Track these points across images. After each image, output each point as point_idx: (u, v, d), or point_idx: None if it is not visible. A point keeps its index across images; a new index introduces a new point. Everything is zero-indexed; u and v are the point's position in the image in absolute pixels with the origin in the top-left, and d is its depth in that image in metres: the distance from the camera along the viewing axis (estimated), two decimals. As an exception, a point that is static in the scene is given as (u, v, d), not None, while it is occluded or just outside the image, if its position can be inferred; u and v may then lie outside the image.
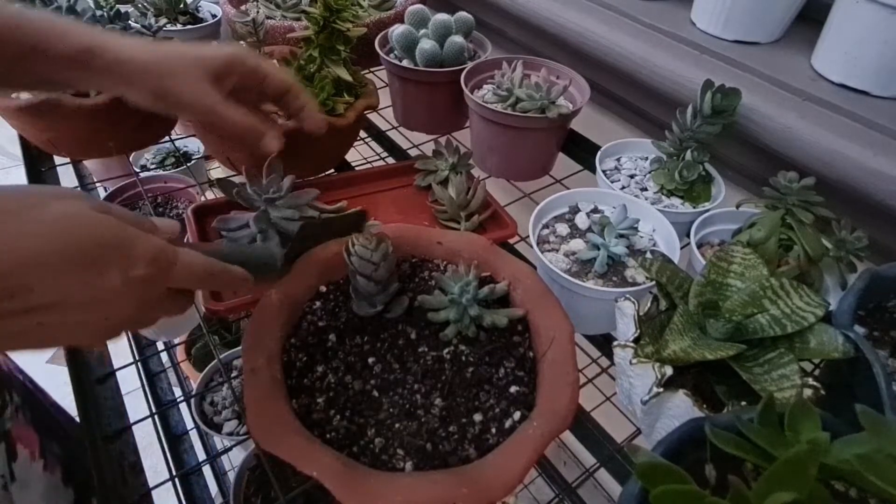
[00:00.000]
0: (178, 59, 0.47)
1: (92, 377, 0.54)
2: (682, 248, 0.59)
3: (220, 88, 0.49)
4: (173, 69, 0.47)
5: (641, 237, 0.61)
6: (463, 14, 0.83)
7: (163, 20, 0.92)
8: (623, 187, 0.68)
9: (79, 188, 0.90)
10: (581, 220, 0.62)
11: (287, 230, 0.59)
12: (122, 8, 0.75)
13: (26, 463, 0.50)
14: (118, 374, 0.56)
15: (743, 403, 0.40)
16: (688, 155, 0.65)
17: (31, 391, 0.55)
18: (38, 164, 0.80)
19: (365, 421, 0.39)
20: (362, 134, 0.89)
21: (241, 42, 0.81)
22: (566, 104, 0.73)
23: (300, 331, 0.45)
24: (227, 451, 0.77)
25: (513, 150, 0.75)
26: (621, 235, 0.57)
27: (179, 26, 0.94)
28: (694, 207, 0.65)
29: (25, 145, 0.79)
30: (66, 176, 0.83)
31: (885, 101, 0.59)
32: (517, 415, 0.40)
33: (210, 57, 0.48)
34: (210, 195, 0.83)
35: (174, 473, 0.53)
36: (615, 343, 0.45)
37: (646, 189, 0.68)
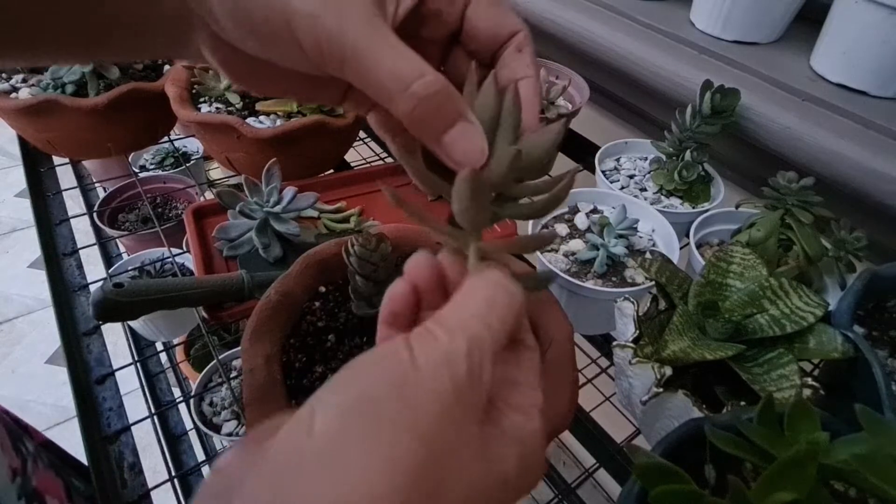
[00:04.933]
0: None
1: (91, 377, 0.54)
2: (681, 249, 0.59)
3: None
4: None
5: (641, 237, 0.61)
6: (462, 14, 0.83)
7: None
8: (622, 187, 0.68)
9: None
10: (580, 221, 0.62)
11: (293, 236, 0.59)
12: None
13: None
14: (117, 374, 0.56)
15: (742, 403, 0.40)
16: (687, 155, 0.65)
17: (29, 428, 0.53)
18: (37, 165, 0.80)
19: (364, 421, 0.39)
20: (361, 134, 0.89)
21: None
22: (565, 104, 0.73)
23: (299, 331, 0.45)
24: (226, 451, 0.77)
25: (512, 150, 0.75)
26: (621, 235, 0.57)
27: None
28: (693, 207, 0.65)
29: (24, 145, 0.79)
30: (66, 176, 0.83)
31: (884, 101, 0.59)
32: (516, 415, 0.40)
33: None
34: (209, 195, 0.83)
35: (173, 474, 0.53)
36: (614, 343, 0.45)
37: (645, 189, 0.68)
